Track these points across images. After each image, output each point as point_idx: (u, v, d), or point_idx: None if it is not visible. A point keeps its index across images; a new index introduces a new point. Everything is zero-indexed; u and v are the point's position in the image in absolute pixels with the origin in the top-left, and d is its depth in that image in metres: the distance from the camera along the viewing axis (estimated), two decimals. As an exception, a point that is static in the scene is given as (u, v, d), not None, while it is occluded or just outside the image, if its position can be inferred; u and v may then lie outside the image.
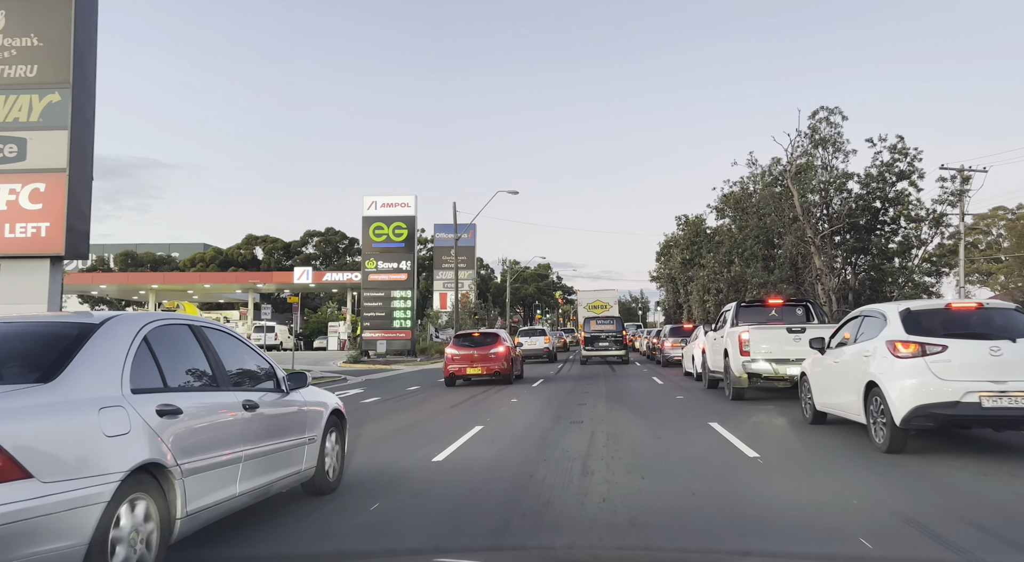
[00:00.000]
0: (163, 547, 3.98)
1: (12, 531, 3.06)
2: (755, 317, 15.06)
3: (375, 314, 43.08)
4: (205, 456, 4.43)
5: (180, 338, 4.81)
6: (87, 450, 3.55)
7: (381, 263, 43.42)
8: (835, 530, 4.98)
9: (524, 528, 5.14)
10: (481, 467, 7.62)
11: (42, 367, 3.78)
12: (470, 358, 19.36)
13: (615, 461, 7.76)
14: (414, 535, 5.12)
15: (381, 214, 43.54)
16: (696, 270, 39.30)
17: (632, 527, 5.06)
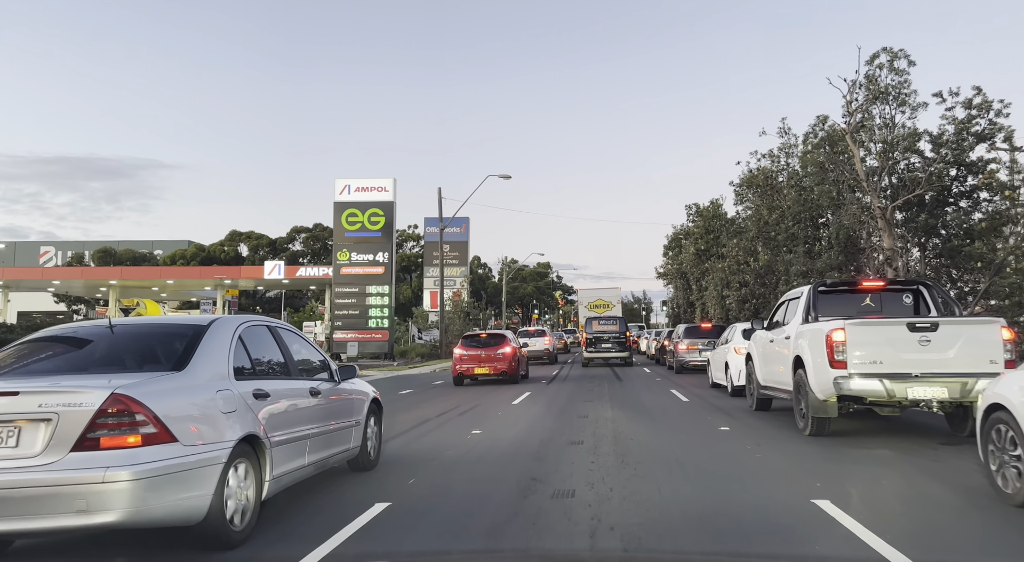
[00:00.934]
0: (257, 502, 5.04)
1: (167, 480, 4.18)
2: (840, 308, 10.03)
3: (348, 312, 38.12)
4: (285, 432, 5.51)
5: (262, 335, 5.94)
6: (210, 423, 4.66)
7: (355, 255, 38.44)
8: None
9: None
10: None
11: (173, 359, 4.96)
12: (478, 358, 19.90)
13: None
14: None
15: (355, 200, 38.59)
16: (713, 262, 34.27)
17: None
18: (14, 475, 3.96)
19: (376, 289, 38.10)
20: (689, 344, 24.53)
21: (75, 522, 3.97)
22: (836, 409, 8.84)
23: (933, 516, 5.26)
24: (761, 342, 12.06)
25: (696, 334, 24.79)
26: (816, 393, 8.86)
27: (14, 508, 3.94)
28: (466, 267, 71.07)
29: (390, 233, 38.38)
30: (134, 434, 4.13)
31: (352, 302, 38.08)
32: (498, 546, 4.71)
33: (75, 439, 4.05)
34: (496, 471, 7.27)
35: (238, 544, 4.76)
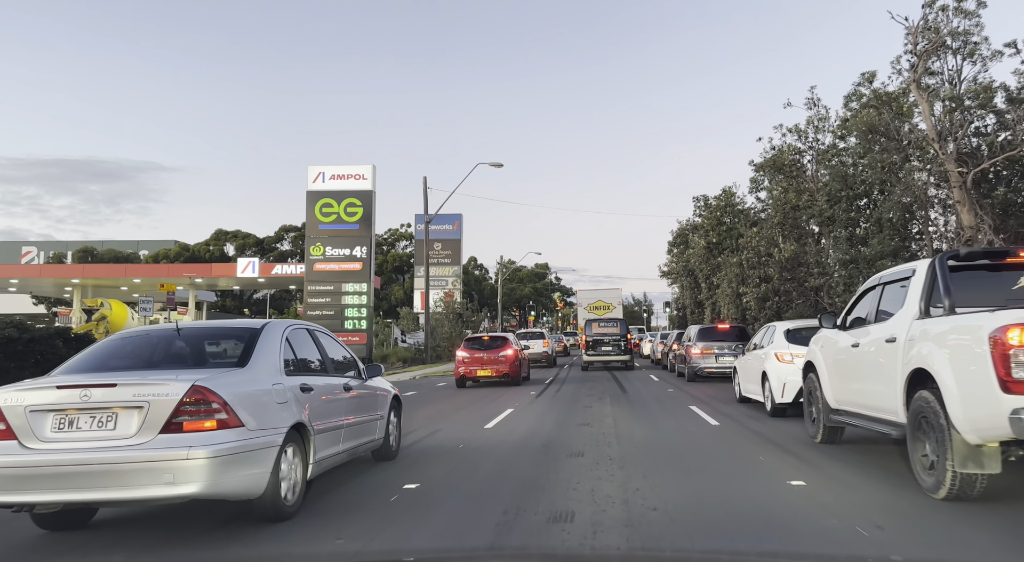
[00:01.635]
0: (303, 481, 5.84)
1: (236, 458, 4.93)
2: (979, 292, 6.39)
3: (322, 313, 34.45)
4: (325, 421, 6.30)
5: (303, 337, 6.74)
6: (268, 411, 5.44)
7: (330, 249, 34.83)
8: None
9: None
10: None
11: (236, 357, 5.85)
12: (480, 361, 20.18)
13: None
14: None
15: (330, 188, 34.98)
16: (726, 256, 30.69)
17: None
18: (114, 453, 4.75)
19: (353, 287, 34.50)
20: (704, 348, 20.98)
21: (164, 492, 4.76)
22: (999, 460, 5.26)
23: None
24: (833, 347, 8.45)
25: (712, 336, 21.24)
26: (965, 432, 5.27)
27: (115, 480, 4.71)
28: (458, 266, 67.48)
29: (369, 225, 34.78)
30: (210, 419, 4.93)
31: (326, 301, 34.47)
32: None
33: (163, 423, 4.85)
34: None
35: (289, 517, 5.53)
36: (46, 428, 4.86)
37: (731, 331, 21.56)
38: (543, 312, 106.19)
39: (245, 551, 4.90)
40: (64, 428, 4.86)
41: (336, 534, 5.15)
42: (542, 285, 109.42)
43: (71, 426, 4.87)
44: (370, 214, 34.87)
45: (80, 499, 4.78)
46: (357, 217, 34.77)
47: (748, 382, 14.27)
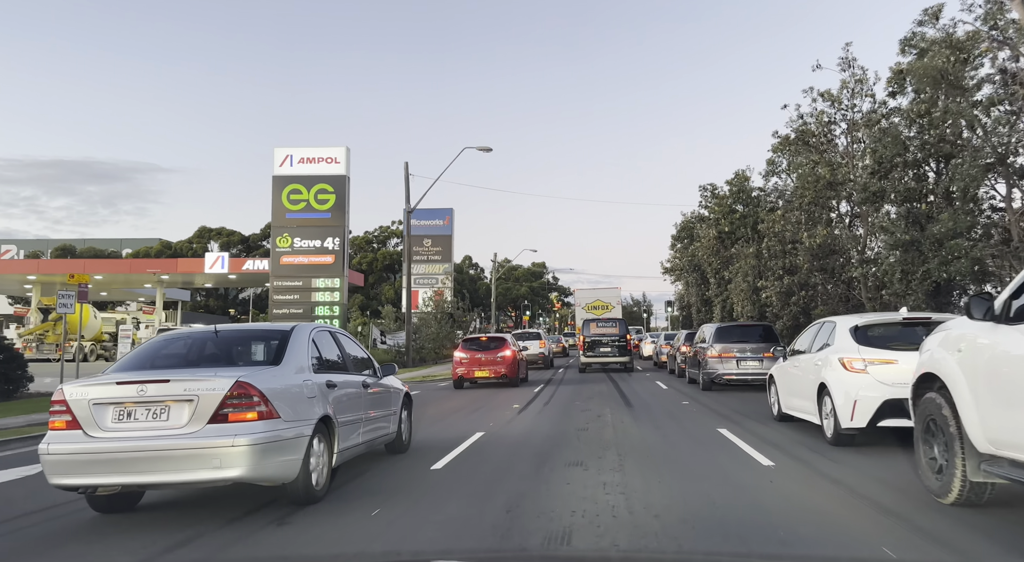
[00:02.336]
0: (329, 469, 6.43)
1: (273, 446, 5.56)
2: None
3: (289, 312, 31.06)
4: (347, 415, 6.92)
5: (326, 338, 7.34)
6: (300, 405, 6.06)
7: (298, 241, 31.39)
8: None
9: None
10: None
11: (270, 356, 6.48)
12: (478, 362, 20.03)
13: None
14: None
15: (299, 173, 31.57)
16: (742, 247, 27.28)
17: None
18: (168, 441, 5.35)
19: (324, 282, 31.06)
20: (723, 351, 17.56)
21: (211, 475, 5.40)
22: None
23: None
24: (991, 352, 5.00)
25: (732, 337, 17.81)
26: None
27: (169, 465, 5.33)
28: (449, 263, 64.05)
29: (342, 214, 31.35)
30: (252, 411, 5.53)
31: (294, 299, 31.05)
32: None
33: (210, 414, 5.45)
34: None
35: (317, 500, 6.13)
36: (107, 419, 5.50)
37: (755, 330, 18.18)
38: (539, 312, 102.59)
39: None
40: (123, 419, 5.50)
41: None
42: (538, 285, 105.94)
43: (129, 417, 5.51)
44: (343, 202, 31.45)
45: (138, 482, 5.48)
46: (329, 205, 31.35)
47: (793, 396, 10.85)
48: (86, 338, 43.86)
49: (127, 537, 5.38)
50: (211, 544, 5.11)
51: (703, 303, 38.64)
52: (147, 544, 5.13)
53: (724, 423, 11.17)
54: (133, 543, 5.20)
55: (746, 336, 17.79)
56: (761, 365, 17.06)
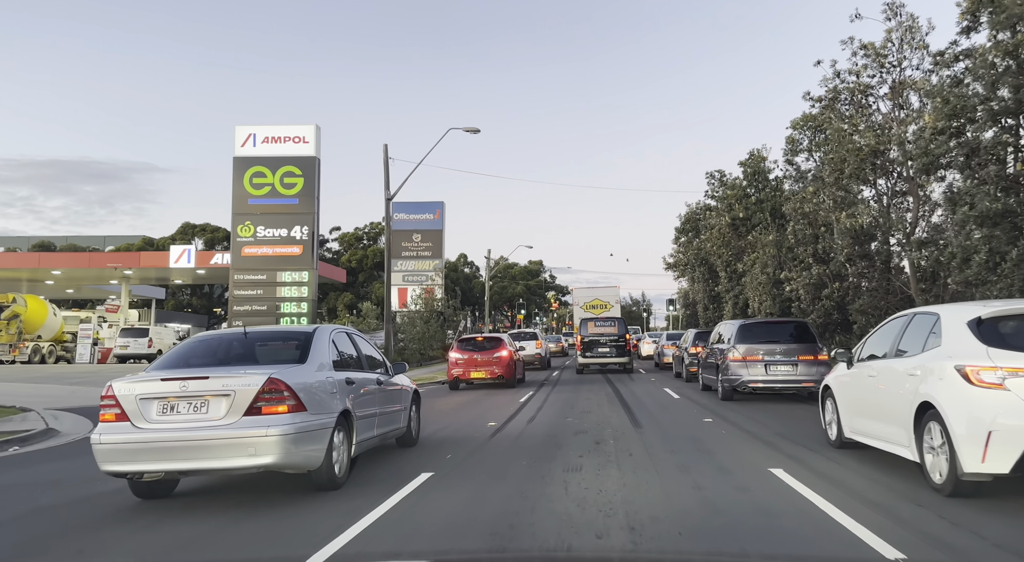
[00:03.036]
0: (348, 458, 6.99)
1: (301, 436, 6.10)
2: None
3: (251, 308, 27.80)
4: (364, 410, 7.47)
5: (344, 338, 7.92)
6: (324, 399, 6.60)
7: (262, 229, 28.12)
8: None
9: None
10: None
11: (296, 355, 6.93)
12: (473, 362, 19.68)
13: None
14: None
15: (263, 154, 28.29)
16: (760, 234, 24.08)
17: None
18: (208, 431, 5.92)
19: (292, 276, 27.81)
20: (748, 353, 14.50)
21: (247, 463, 5.95)
22: None
23: None
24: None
25: (760, 336, 14.73)
26: None
27: (208, 453, 5.89)
28: (440, 259, 60.60)
29: (311, 199, 28.08)
30: (282, 405, 6.07)
31: (257, 294, 27.79)
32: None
33: (246, 407, 6.01)
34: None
35: (339, 487, 6.67)
36: (153, 412, 6.04)
37: (786, 329, 15.07)
38: (536, 311, 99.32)
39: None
40: (167, 412, 6.04)
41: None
42: (535, 283, 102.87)
43: (172, 410, 6.05)
44: (313, 186, 28.18)
45: (180, 468, 6.02)
46: (296, 189, 28.09)
47: (866, 417, 7.68)
48: (44, 338, 40.61)
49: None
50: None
51: (711, 300, 35.43)
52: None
53: (773, 456, 7.99)
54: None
55: (776, 335, 14.66)
56: (795, 371, 14.00)
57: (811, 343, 14.20)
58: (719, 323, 18.01)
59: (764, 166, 27.10)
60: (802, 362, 13.93)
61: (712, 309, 35.60)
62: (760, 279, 23.24)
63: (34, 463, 9.21)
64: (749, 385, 14.22)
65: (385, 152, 30.63)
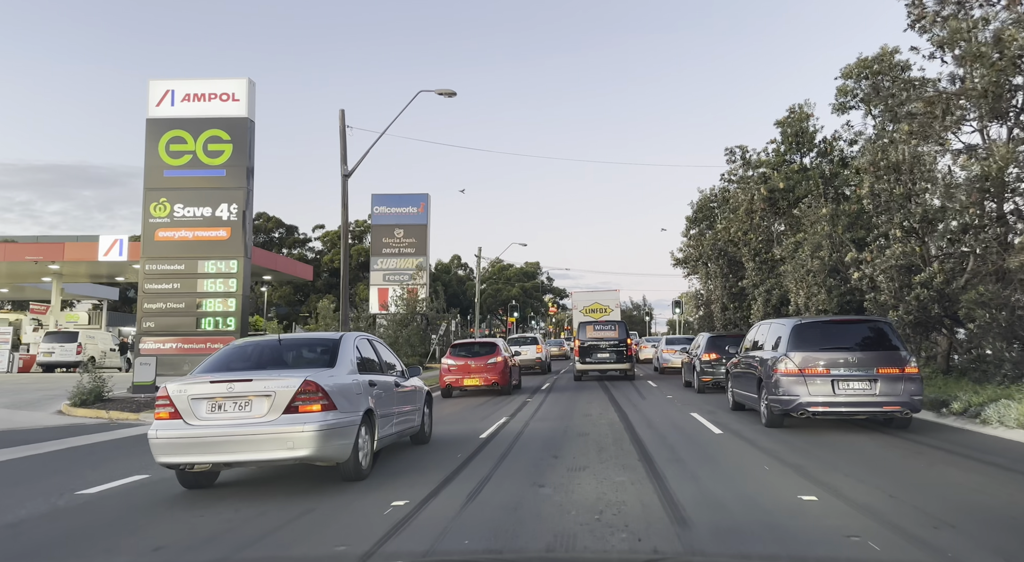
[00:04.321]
0: (372, 453, 7.63)
1: (333, 432, 6.75)
2: None
3: (166, 306, 22.34)
4: (384, 409, 8.08)
5: (366, 344, 8.56)
6: (351, 399, 7.23)
7: (180, 208, 22.64)
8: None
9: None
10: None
11: (326, 359, 7.67)
12: (467, 369, 19.01)
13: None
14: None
15: (182, 115, 22.85)
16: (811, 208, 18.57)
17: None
18: (251, 427, 6.61)
19: (217, 265, 22.32)
20: (807, 364, 10.21)
21: (286, 455, 6.62)
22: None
23: None
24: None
25: (824, 340, 10.47)
26: None
27: (252, 446, 6.59)
28: (424, 257, 55.16)
29: (243, 171, 22.61)
30: (316, 404, 6.71)
31: (174, 289, 22.30)
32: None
33: (285, 406, 6.67)
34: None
35: (364, 478, 7.32)
36: (202, 410, 6.73)
37: (859, 330, 10.72)
38: (532, 315, 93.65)
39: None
40: (215, 410, 6.74)
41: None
42: (531, 286, 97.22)
43: (220, 409, 6.73)
44: (245, 154, 22.70)
45: (227, 460, 6.69)
46: (223, 158, 22.62)
47: None
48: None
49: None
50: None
51: (732, 298, 29.93)
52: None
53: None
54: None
55: (844, 339, 10.51)
56: (873, 389, 9.95)
57: (894, 350, 10.26)
58: (759, 323, 13.10)
59: (808, 126, 21.63)
60: (884, 377, 9.98)
61: (733, 309, 30.09)
62: (810, 266, 17.77)
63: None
64: (808, 409, 10.06)
65: (342, 119, 25.15)
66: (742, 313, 29.48)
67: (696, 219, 37.71)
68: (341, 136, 25.43)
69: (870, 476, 6.95)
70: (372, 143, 26.50)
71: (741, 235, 25.13)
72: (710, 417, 12.15)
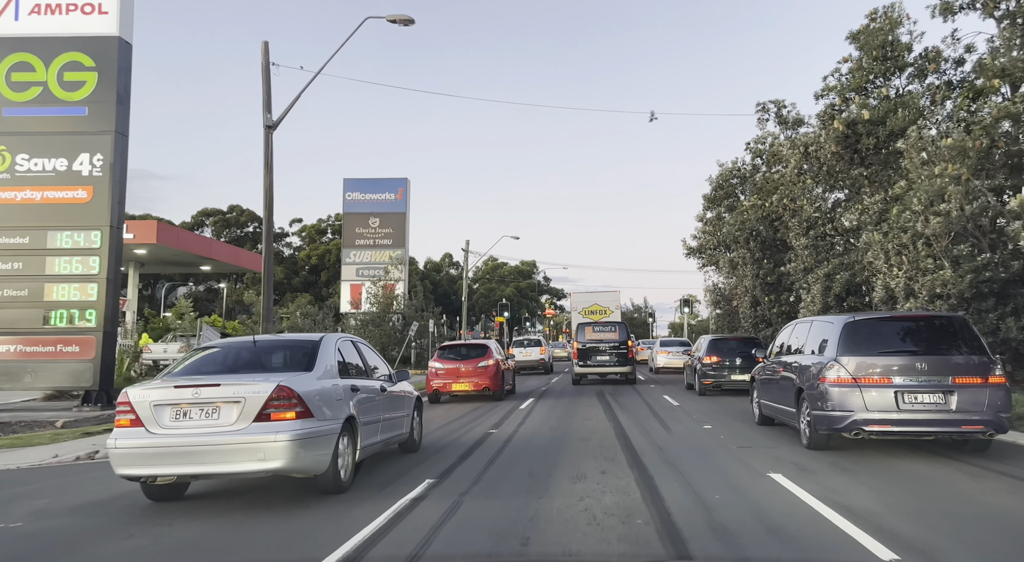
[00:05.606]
0: (353, 463, 7.21)
1: (309, 441, 6.29)
2: None
3: (2, 294, 16.21)
4: (368, 416, 7.64)
5: (349, 347, 8.15)
6: (330, 406, 6.78)
7: (24, 159, 16.50)
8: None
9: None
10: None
11: (304, 362, 7.15)
12: (456, 373, 18.00)
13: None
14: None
15: (30, 33, 16.73)
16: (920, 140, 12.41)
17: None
18: (219, 436, 6.14)
19: (73, 238, 16.17)
20: (862, 371, 7.97)
21: (256, 467, 6.14)
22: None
23: None
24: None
25: (883, 343, 8.27)
26: None
27: (220, 457, 6.11)
28: (403, 249, 49.04)
29: (111, 107, 16.43)
30: (290, 411, 6.26)
31: (13, 270, 16.18)
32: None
33: (255, 413, 6.20)
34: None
35: (344, 490, 6.91)
36: (166, 417, 6.25)
37: (926, 329, 8.75)
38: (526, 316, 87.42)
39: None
40: (180, 418, 6.25)
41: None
42: (526, 285, 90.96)
43: (185, 416, 6.25)
44: (114, 86, 16.52)
45: (192, 472, 6.24)
46: (85, 91, 16.48)
47: None
48: None
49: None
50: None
51: (767, 289, 23.84)
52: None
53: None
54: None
55: (911, 340, 8.52)
56: (949, 402, 7.99)
57: (975, 354, 8.26)
58: (795, 322, 11.09)
59: (898, 34, 15.46)
60: (961, 388, 8.05)
61: (768, 303, 23.99)
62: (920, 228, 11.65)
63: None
64: (865, 427, 8.10)
65: (265, 54, 19.15)
66: (781, 308, 23.35)
67: (715, 198, 31.64)
68: (264, 74, 19.42)
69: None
70: (300, 90, 20.77)
71: (788, 204, 19.02)
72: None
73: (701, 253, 34.64)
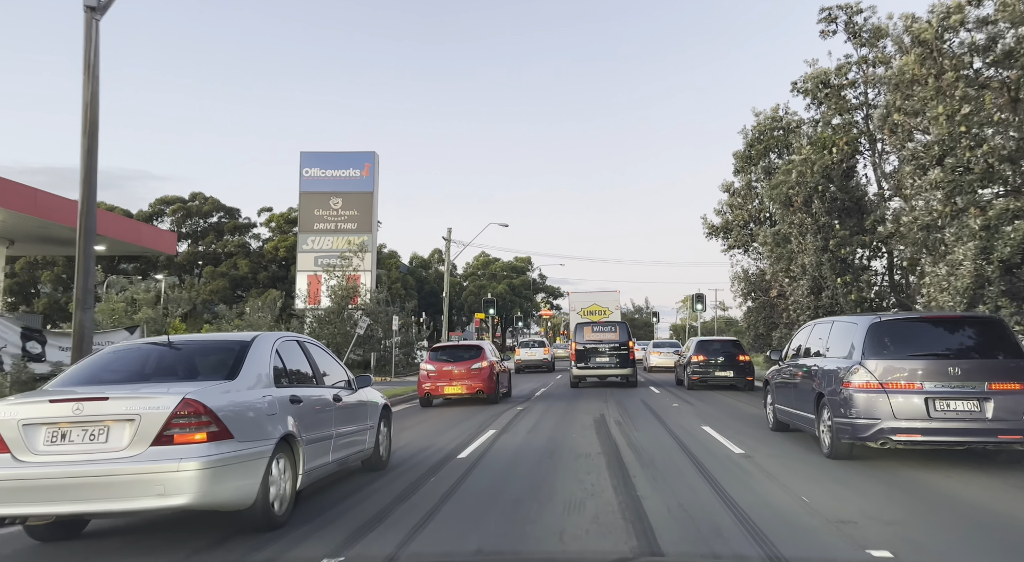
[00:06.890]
0: (293, 491, 5.78)
1: (226, 469, 4.92)
2: None
3: None
4: (314, 432, 6.21)
5: (293, 349, 6.65)
6: (258, 423, 5.39)
7: None
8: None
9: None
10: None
11: (226, 369, 5.67)
12: (448, 375, 17.32)
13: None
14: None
15: None
16: None
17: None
18: (106, 465, 4.68)
19: None
20: (890, 374, 7.64)
21: (154, 504, 4.72)
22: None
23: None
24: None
25: (912, 346, 7.86)
26: None
27: (106, 492, 4.65)
28: (368, 235, 41.93)
29: None
30: (200, 432, 4.87)
31: None
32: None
33: (154, 435, 4.79)
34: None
35: (279, 526, 5.51)
36: (39, 441, 4.82)
37: (959, 330, 8.28)
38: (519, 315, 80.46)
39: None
40: (57, 441, 4.82)
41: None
42: (520, 282, 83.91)
43: (64, 439, 4.83)
44: None
45: (72, 511, 4.77)
46: None
47: None
48: None
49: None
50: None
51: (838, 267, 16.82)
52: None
53: None
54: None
55: (943, 342, 8.04)
56: (985, 410, 7.44)
57: (1014, 357, 7.69)
58: (812, 323, 10.25)
59: None
60: (999, 394, 7.45)
61: (842, 286, 16.91)
62: None
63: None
64: (893, 437, 7.56)
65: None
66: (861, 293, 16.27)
67: (750, 157, 24.65)
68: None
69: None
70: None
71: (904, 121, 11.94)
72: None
73: (727, 232, 27.54)
